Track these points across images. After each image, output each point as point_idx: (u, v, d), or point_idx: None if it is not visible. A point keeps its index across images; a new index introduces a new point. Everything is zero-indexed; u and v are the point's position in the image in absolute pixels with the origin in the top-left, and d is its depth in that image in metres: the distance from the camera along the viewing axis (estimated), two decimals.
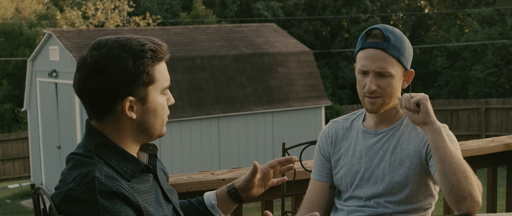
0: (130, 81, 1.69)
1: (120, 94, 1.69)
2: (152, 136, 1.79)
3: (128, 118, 1.72)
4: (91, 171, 1.65)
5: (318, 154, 2.49)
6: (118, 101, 1.70)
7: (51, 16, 28.17)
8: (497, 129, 18.33)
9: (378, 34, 2.25)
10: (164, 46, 1.77)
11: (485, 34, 23.91)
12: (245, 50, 14.13)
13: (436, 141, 2.09)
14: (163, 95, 1.79)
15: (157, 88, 1.75)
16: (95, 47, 1.72)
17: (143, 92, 1.72)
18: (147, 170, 1.80)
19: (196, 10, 27.27)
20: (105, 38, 1.75)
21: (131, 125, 1.75)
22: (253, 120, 13.57)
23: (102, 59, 1.69)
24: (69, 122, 13.22)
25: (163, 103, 1.78)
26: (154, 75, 1.73)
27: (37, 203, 1.84)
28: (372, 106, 2.27)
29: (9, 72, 25.18)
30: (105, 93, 1.69)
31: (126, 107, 1.71)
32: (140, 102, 1.73)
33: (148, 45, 1.72)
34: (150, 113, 1.75)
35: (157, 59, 1.74)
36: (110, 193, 1.62)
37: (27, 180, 17.47)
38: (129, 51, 1.70)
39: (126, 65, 1.68)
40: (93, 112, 1.74)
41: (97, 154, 1.71)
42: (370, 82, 2.24)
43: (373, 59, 2.23)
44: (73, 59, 12.46)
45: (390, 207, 2.29)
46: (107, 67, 1.68)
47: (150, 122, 1.76)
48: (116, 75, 1.68)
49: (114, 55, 1.69)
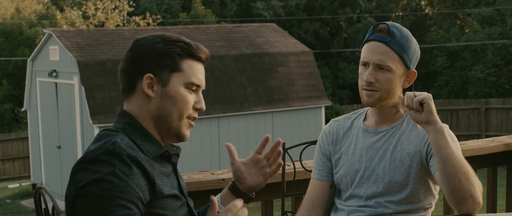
0: (153, 60, 1.79)
1: (143, 70, 1.79)
2: (169, 127, 1.83)
3: (147, 97, 1.80)
4: (113, 138, 1.72)
5: (318, 153, 2.49)
6: (139, 77, 1.79)
7: (50, 16, 28.17)
8: (497, 129, 18.33)
9: (384, 28, 2.27)
10: (204, 49, 1.86)
11: (485, 34, 23.91)
12: (245, 50, 14.13)
13: (438, 141, 2.09)
14: (189, 91, 1.84)
15: (181, 78, 1.81)
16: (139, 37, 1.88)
17: (165, 75, 1.80)
18: (167, 158, 1.85)
19: (196, 10, 27.26)
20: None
21: (150, 107, 1.81)
22: (253, 120, 13.57)
23: (138, 41, 1.83)
24: (69, 122, 13.22)
25: (185, 96, 1.83)
26: (180, 65, 1.81)
27: (38, 202, 1.84)
28: (368, 98, 2.28)
29: (9, 72, 25.18)
30: (131, 68, 1.80)
31: (145, 83, 1.78)
32: (160, 83, 1.80)
33: (183, 39, 1.84)
34: (168, 99, 1.81)
35: (188, 53, 1.82)
36: (127, 156, 1.67)
37: (27, 180, 17.47)
38: (163, 38, 1.83)
39: (155, 47, 1.80)
40: (123, 89, 1.85)
41: (124, 131, 1.79)
42: (369, 74, 2.25)
43: (374, 51, 2.25)
44: (73, 59, 12.47)
45: (390, 207, 2.29)
46: (138, 47, 1.81)
47: (167, 108, 1.81)
48: (144, 53, 1.80)
49: (149, 39, 1.83)
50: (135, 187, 1.66)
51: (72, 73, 12.82)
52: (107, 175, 1.62)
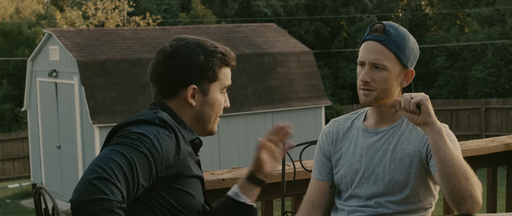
0: (198, 72, 1.93)
1: (187, 81, 1.93)
2: (205, 129, 2.01)
3: (189, 104, 1.95)
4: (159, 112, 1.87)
5: (318, 153, 2.50)
6: (184, 87, 1.93)
7: (49, 16, 28.16)
8: (497, 129, 18.33)
9: (380, 28, 2.27)
10: (233, 55, 2.03)
11: (485, 34, 23.91)
12: (245, 50, 14.13)
13: (437, 142, 2.09)
14: (222, 94, 2.02)
15: (218, 86, 1.99)
16: (175, 39, 1.97)
17: (206, 86, 1.96)
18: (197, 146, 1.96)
19: (195, 10, 27.25)
20: (185, 36, 2.01)
21: (190, 112, 1.97)
22: (253, 120, 13.57)
23: (179, 48, 1.94)
24: (69, 122, 13.21)
25: (221, 101, 2.02)
26: (218, 75, 1.98)
27: (38, 202, 1.84)
28: (365, 98, 2.29)
29: (9, 72, 25.17)
30: (175, 77, 1.93)
31: (189, 94, 1.93)
32: (202, 93, 1.96)
33: (220, 49, 1.97)
34: (209, 105, 1.98)
35: (225, 63, 1.99)
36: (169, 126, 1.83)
37: (27, 180, 17.47)
38: (203, 48, 1.95)
39: (198, 58, 1.93)
40: (161, 92, 1.96)
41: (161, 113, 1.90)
42: (365, 73, 2.26)
43: (370, 50, 2.26)
44: (73, 59, 12.46)
45: (390, 207, 2.29)
46: (182, 56, 1.93)
47: (207, 113, 1.99)
48: (188, 64, 1.92)
49: (190, 48, 1.94)
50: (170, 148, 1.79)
51: (72, 73, 12.82)
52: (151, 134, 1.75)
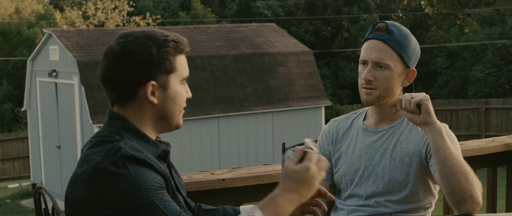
0: (153, 66, 1.79)
1: (144, 79, 1.79)
2: (170, 124, 1.88)
3: (150, 103, 1.81)
4: (116, 144, 1.72)
5: (318, 153, 2.49)
6: (141, 86, 1.79)
7: (49, 16, 28.15)
8: (497, 129, 18.33)
9: (382, 27, 2.28)
10: (185, 40, 1.89)
11: (485, 34, 23.91)
12: (245, 50, 14.13)
13: (436, 142, 2.09)
14: (183, 85, 1.89)
15: (177, 77, 1.85)
16: (121, 36, 1.83)
17: (165, 79, 1.82)
18: (164, 157, 1.88)
19: (195, 9, 27.25)
20: (131, 29, 1.87)
21: (152, 110, 1.83)
22: (253, 120, 13.57)
23: (128, 45, 1.79)
24: (69, 122, 13.21)
25: (182, 92, 1.88)
26: (175, 65, 1.84)
27: (38, 202, 1.84)
28: (367, 96, 2.28)
29: (8, 72, 25.17)
30: (130, 77, 1.79)
31: (149, 91, 1.80)
32: (162, 88, 1.82)
33: (171, 37, 1.85)
34: (170, 100, 1.84)
35: (179, 50, 1.85)
36: (137, 160, 1.69)
37: (27, 180, 17.47)
38: (154, 39, 1.81)
39: (151, 52, 1.79)
40: (117, 97, 1.83)
41: (119, 135, 1.77)
42: (367, 72, 2.26)
43: (373, 49, 2.26)
44: (73, 59, 12.46)
45: (390, 207, 2.29)
46: (133, 53, 1.78)
47: (170, 109, 1.85)
48: (141, 60, 1.78)
49: (140, 42, 1.80)
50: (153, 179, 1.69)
51: (72, 73, 12.82)
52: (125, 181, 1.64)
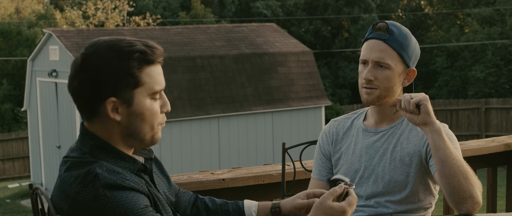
0: (112, 82, 1.65)
1: (103, 95, 1.65)
2: (142, 141, 1.73)
3: (113, 120, 1.67)
4: (92, 169, 1.62)
5: (318, 153, 2.49)
6: (101, 102, 1.66)
7: (49, 16, 28.16)
8: (497, 129, 18.33)
9: (383, 27, 2.28)
10: (158, 49, 1.71)
11: (485, 34, 23.91)
12: (245, 50, 14.12)
13: (436, 142, 2.09)
14: (154, 100, 1.71)
15: (144, 91, 1.68)
16: (86, 47, 1.70)
17: (129, 94, 1.66)
18: (143, 170, 1.77)
19: (195, 9, 27.26)
20: (100, 38, 1.72)
21: (118, 127, 1.70)
22: (253, 120, 13.57)
23: (88, 58, 1.66)
24: (69, 122, 13.22)
25: (153, 108, 1.71)
26: (141, 78, 1.67)
27: (35, 203, 1.83)
28: (367, 96, 2.28)
29: (8, 72, 25.18)
30: (88, 92, 1.66)
31: (109, 108, 1.66)
32: (125, 104, 1.67)
33: (138, 47, 1.67)
34: (137, 117, 1.69)
35: (146, 61, 1.68)
36: (116, 186, 1.60)
37: (27, 180, 17.46)
38: (116, 51, 1.66)
39: (110, 66, 1.64)
40: (82, 112, 1.72)
41: (93, 156, 1.68)
42: (368, 72, 2.26)
43: (373, 49, 2.26)
44: (73, 59, 12.46)
45: (390, 207, 2.29)
46: (91, 66, 1.65)
47: (137, 126, 1.70)
48: (99, 74, 1.64)
49: (100, 54, 1.66)
50: (137, 201, 1.62)
51: None
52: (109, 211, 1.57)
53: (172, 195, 1.93)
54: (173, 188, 1.99)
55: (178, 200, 2.02)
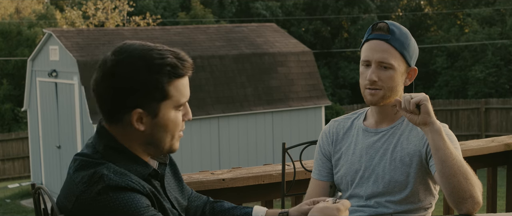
0: (141, 94, 1.64)
1: (130, 105, 1.65)
2: (161, 150, 1.74)
3: (136, 129, 1.68)
4: (99, 170, 1.63)
5: (318, 153, 2.49)
6: (127, 112, 1.66)
7: (49, 16, 28.16)
8: (497, 129, 18.33)
9: (384, 27, 2.27)
10: (188, 62, 1.71)
11: (485, 34, 23.91)
12: (245, 50, 14.12)
13: (436, 142, 2.09)
14: (177, 111, 1.72)
15: (171, 104, 1.68)
16: (117, 51, 1.67)
17: (155, 106, 1.66)
18: (155, 176, 1.77)
19: (195, 10, 27.25)
20: (130, 43, 1.69)
21: (139, 136, 1.70)
22: (253, 120, 13.57)
23: (118, 65, 1.64)
24: (69, 122, 13.22)
25: (176, 119, 1.72)
26: (169, 92, 1.67)
27: (37, 202, 1.83)
28: (372, 97, 2.27)
29: (8, 71, 25.18)
30: (114, 100, 1.65)
31: (134, 118, 1.66)
32: (150, 116, 1.67)
33: (169, 60, 1.66)
34: (160, 128, 1.69)
35: (176, 75, 1.67)
36: (120, 187, 1.60)
37: (27, 180, 17.47)
38: (148, 62, 1.64)
39: (139, 78, 1.63)
40: (104, 115, 1.71)
41: (105, 157, 1.69)
42: (371, 73, 2.25)
43: (376, 49, 2.25)
44: (73, 59, 12.46)
45: (390, 207, 2.29)
46: (121, 75, 1.63)
47: (159, 136, 1.71)
48: (128, 85, 1.63)
49: (131, 62, 1.63)
50: (138, 200, 1.63)
51: (72, 73, 12.82)
52: (110, 211, 1.59)
53: (184, 199, 1.94)
54: (186, 191, 1.99)
55: (189, 205, 2.02)
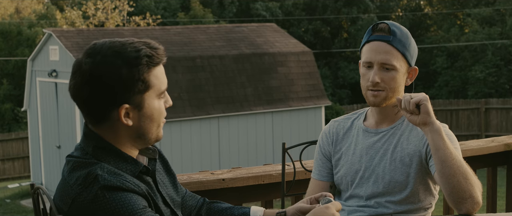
0: (125, 89, 1.67)
1: (116, 102, 1.68)
2: (149, 141, 1.78)
3: (124, 124, 1.71)
4: (93, 170, 1.65)
5: (318, 153, 2.49)
6: (113, 109, 1.69)
7: (50, 15, 28.16)
8: (497, 129, 18.33)
9: (384, 28, 2.26)
10: (161, 49, 1.74)
11: (485, 34, 23.91)
12: (245, 50, 14.12)
13: (436, 142, 2.09)
14: (160, 99, 1.76)
15: (153, 93, 1.73)
16: (89, 53, 1.69)
17: (139, 99, 1.70)
18: (146, 172, 1.79)
19: (194, 10, 27.25)
20: (100, 43, 1.71)
21: (127, 131, 1.73)
22: (253, 120, 13.57)
23: (96, 67, 1.66)
24: (69, 122, 13.22)
25: (160, 107, 1.76)
26: (150, 81, 1.71)
27: (36, 202, 1.83)
28: (375, 99, 2.27)
29: (8, 71, 25.18)
30: (100, 101, 1.67)
31: (122, 114, 1.69)
32: (136, 109, 1.71)
33: (144, 51, 1.69)
34: (147, 118, 1.73)
35: (153, 64, 1.71)
36: (116, 188, 1.62)
37: (27, 180, 17.46)
38: (124, 58, 1.67)
39: (121, 74, 1.65)
40: (89, 118, 1.73)
41: (95, 157, 1.71)
42: (374, 74, 2.24)
43: (378, 51, 2.24)
44: (73, 59, 12.47)
45: (390, 207, 2.29)
46: (102, 76, 1.65)
47: (147, 127, 1.74)
48: (111, 83, 1.66)
49: (108, 62, 1.66)
50: (135, 201, 1.64)
51: None
52: (107, 212, 1.60)
53: (177, 195, 1.94)
54: (180, 189, 2.00)
55: (184, 204, 2.03)
